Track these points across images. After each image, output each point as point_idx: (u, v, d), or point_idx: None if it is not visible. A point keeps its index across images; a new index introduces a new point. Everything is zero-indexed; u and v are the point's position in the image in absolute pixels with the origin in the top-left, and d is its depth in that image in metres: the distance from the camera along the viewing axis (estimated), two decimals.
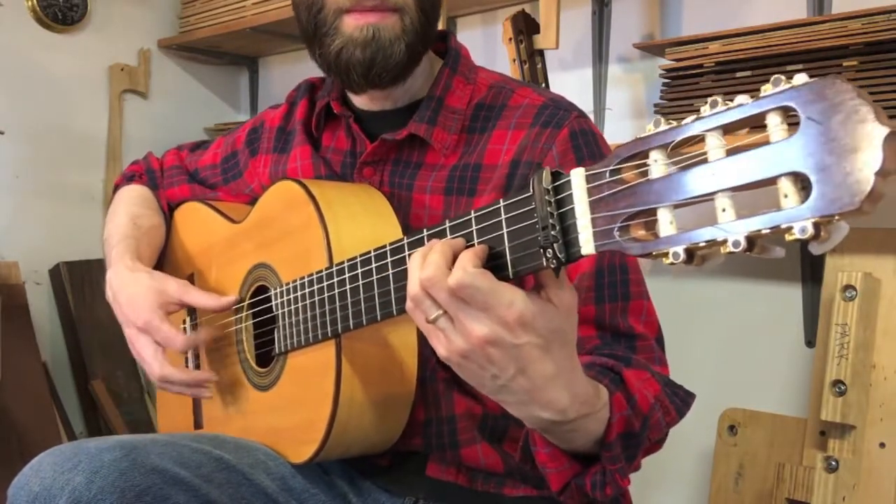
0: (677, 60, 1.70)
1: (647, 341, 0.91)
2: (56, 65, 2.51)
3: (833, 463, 1.55)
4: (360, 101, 1.05)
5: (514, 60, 1.82)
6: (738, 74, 1.62)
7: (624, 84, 2.03)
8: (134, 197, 1.24)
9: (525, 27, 1.82)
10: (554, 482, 0.78)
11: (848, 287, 1.54)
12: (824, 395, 1.54)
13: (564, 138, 0.93)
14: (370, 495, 1.00)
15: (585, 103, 2.04)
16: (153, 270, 1.10)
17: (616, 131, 1.98)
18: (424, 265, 0.65)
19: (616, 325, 0.90)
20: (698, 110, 0.52)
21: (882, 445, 1.54)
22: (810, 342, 1.75)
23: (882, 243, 1.59)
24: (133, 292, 1.06)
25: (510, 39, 1.81)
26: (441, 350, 0.67)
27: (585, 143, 0.94)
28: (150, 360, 1.04)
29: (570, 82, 2.07)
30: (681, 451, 1.92)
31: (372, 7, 0.92)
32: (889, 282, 1.57)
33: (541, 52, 1.84)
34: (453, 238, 0.68)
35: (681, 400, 0.86)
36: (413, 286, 0.66)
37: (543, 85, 1.84)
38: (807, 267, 1.76)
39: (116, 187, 1.30)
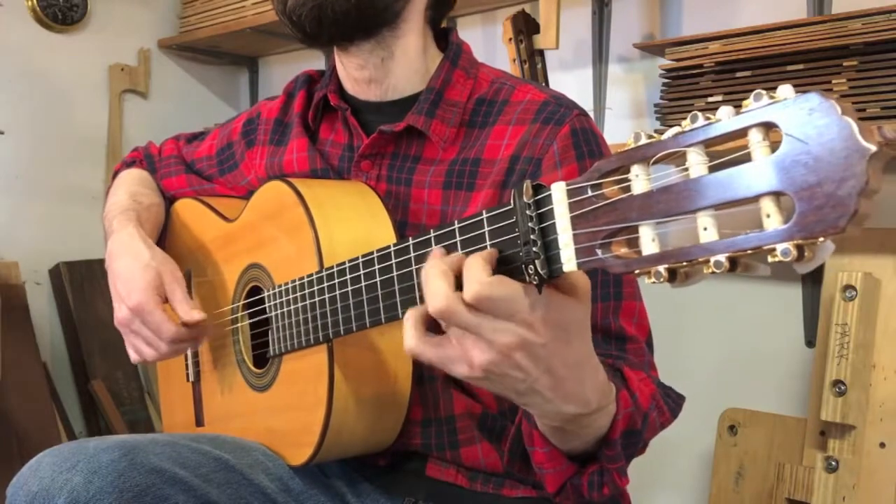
0: (677, 60, 1.70)
1: (638, 344, 0.90)
2: (56, 65, 2.51)
3: (833, 463, 1.55)
4: (352, 88, 1.04)
5: (514, 60, 1.82)
6: (738, 74, 1.62)
7: (624, 84, 2.03)
8: (134, 178, 1.24)
9: (525, 27, 1.82)
10: (550, 483, 0.77)
11: (848, 287, 1.54)
12: (824, 395, 1.54)
13: (565, 135, 0.92)
14: (369, 496, 0.99)
15: (585, 103, 2.03)
16: (154, 245, 1.07)
17: (616, 131, 1.98)
18: (429, 296, 0.60)
19: (608, 325, 0.89)
20: (686, 119, 0.51)
21: (882, 445, 1.54)
22: (810, 342, 1.75)
23: (882, 243, 1.59)
24: (130, 266, 1.03)
25: (510, 39, 1.81)
26: (462, 370, 0.63)
27: (586, 141, 0.93)
28: (153, 339, 1.00)
29: (570, 82, 2.07)
30: (681, 451, 1.92)
31: None
32: (889, 282, 1.57)
33: (541, 52, 1.84)
34: (449, 254, 0.64)
35: (673, 401, 0.86)
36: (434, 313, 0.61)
37: (544, 84, 1.84)
38: None
39: (116, 173, 1.30)
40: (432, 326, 0.65)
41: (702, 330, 1.91)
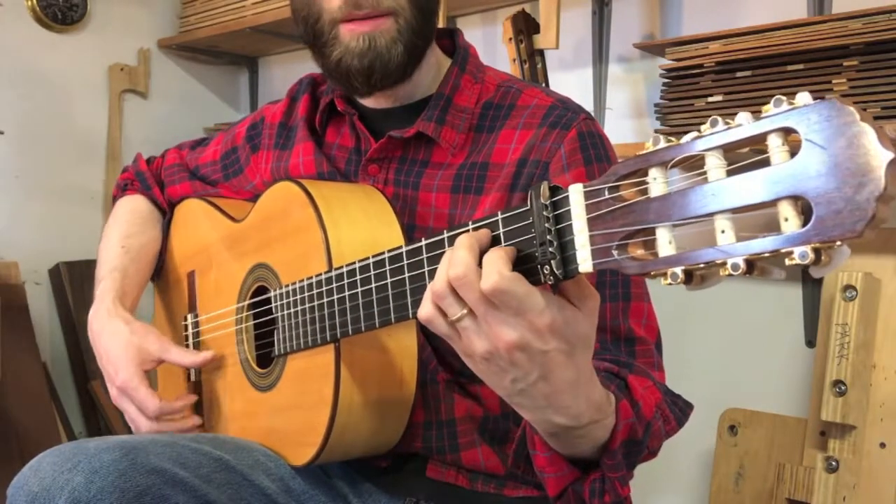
0: (677, 60, 1.70)
1: (647, 346, 0.90)
2: (56, 65, 2.51)
3: (833, 463, 1.55)
4: (365, 100, 1.05)
5: (515, 60, 1.82)
6: (738, 74, 1.62)
7: (624, 84, 2.03)
8: (126, 212, 1.24)
9: (525, 27, 1.82)
10: (551, 487, 0.77)
11: (848, 287, 1.54)
12: (824, 395, 1.54)
13: (573, 139, 0.93)
14: (370, 496, 0.99)
15: (585, 103, 2.03)
16: (132, 320, 1.10)
17: (616, 131, 1.98)
18: (453, 262, 0.62)
19: (617, 326, 0.89)
20: (699, 120, 0.52)
21: (882, 445, 1.54)
22: (810, 342, 1.75)
23: (882, 243, 1.59)
24: (111, 345, 1.07)
25: (510, 39, 1.81)
26: (460, 349, 0.65)
27: (593, 144, 0.93)
28: (136, 417, 1.06)
29: (570, 82, 2.07)
30: (681, 450, 1.92)
31: (365, 15, 0.91)
32: (889, 282, 1.57)
33: (541, 52, 1.84)
34: (478, 230, 0.65)
35: (680, 410, 0.85)
36: (439, 283, 0.62)
37: (543, 85, 1.84)
38: None
39: (114, 199, 1.31)
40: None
41: (702, 330, 1.91)
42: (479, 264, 0.62)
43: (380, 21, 0.92)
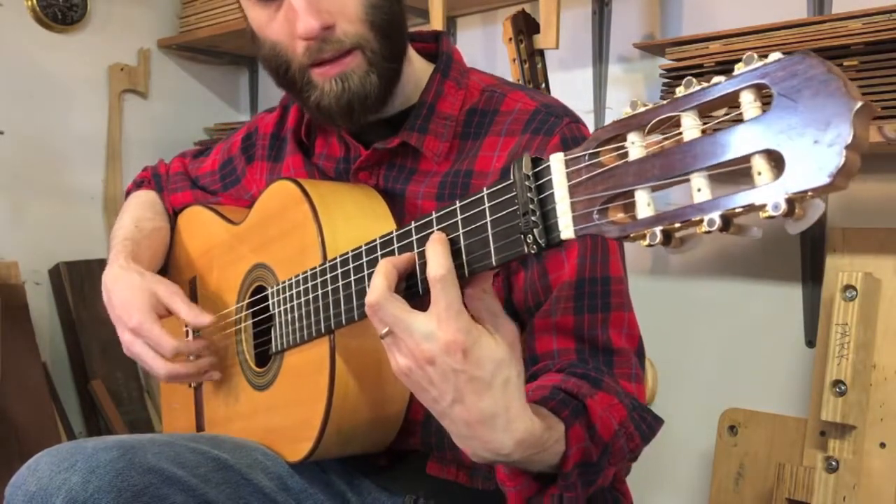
0: (677, 60, 1.70)
1: (626, 356, 0.89)
2: (56, 65, 2.51)
3: (833, 463, 1.55)
4: None
5: (514, 60, 1.82)
6: None
7: (624, 84, 2.03)
8: (140, 202, 1.26)
9: (525, 27, 1.82)
10: (512, 501, 0.77)
11: (848, 287, 1.54)
12: (824, 395, 1.54)
13: (555, 146, 0.91)
14: (369, 494, 0.99)
15: (585, 103, 2.04)
16: (145, 271, 1.09)
17: None
18: (370, 288, 0.69)
19: (594, 337, 0.88)
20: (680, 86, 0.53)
21: (882, 445, 1.54)
22: (810, 342, 1.75)
23: (882, 243, 1.58)
24: (125, 293, 1.06)
25: (510, 39, 1.80)
26: (391, 365, 0.71)
27: None
28: (152, 361, 1.03)
29: (570, 82, 2.07)
30: (681, 451, 1.92)
31: (331, 57, 0.90)
32: (889, 282, 1.57)
33: (541, 52, 1.84)
34: (406, 252, 0.72)
35: (647, 426, 0.84)
36: (365, 304, 0.70)
37: (543, 85, 1.84)
38: (807, 267, 1.76)
39: (127, 193, 1.32)
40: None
41: (702, 330, 1.91)
42: (396, 288, 0.70)
43: (347, 60, 0.91)
